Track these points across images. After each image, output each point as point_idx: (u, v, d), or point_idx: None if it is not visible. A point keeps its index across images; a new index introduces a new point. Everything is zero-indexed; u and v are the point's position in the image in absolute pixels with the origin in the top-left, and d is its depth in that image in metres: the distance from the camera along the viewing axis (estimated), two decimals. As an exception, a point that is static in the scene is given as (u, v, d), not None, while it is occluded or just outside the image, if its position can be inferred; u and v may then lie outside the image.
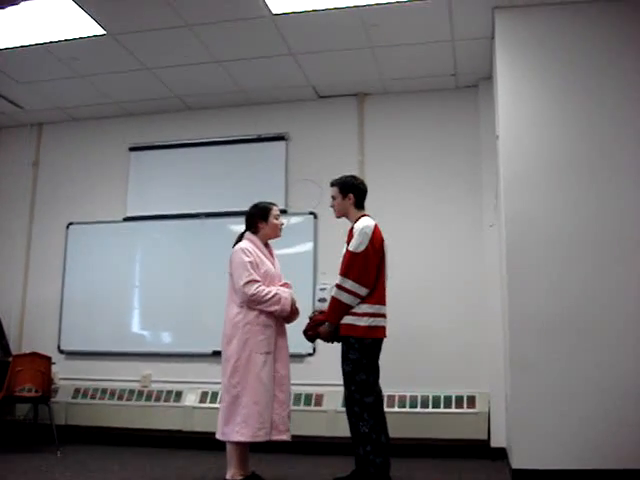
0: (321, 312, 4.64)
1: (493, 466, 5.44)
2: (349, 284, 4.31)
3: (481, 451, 5.83)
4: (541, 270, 4.79)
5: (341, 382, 4.50)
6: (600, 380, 4.56)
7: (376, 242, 4.43)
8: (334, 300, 4.38)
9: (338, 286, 4.36)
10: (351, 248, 4.37)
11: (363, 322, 4.32)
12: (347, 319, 4.35)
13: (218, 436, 4.44)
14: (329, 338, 4.51)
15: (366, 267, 4.34)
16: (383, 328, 4.43)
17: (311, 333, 4.60)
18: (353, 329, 4.33)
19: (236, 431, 4.31)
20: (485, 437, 5.89)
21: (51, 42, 5.88)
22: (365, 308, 4.34)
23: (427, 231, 6.54)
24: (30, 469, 5.11)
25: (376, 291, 4.39)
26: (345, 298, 4.32)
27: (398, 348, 4.68)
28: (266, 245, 4.74)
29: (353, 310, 4.34)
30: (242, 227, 4.81)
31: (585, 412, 4.54)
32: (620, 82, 4.94)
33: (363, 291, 4.33)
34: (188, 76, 6.57)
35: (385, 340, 4.47)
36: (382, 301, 4.45)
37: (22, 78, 6.63)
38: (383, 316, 4.43)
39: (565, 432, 4.54)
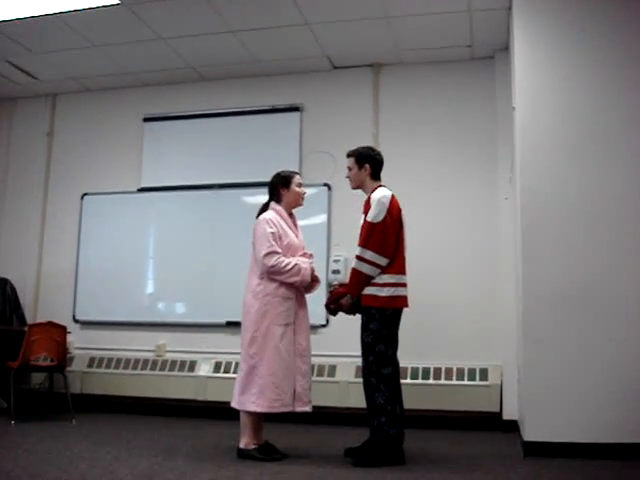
0: (341, 284, 4.62)
1: (505, 438, 5.46)
2: (369, 255, 4.29)
3: (493, 423, 5.86)
4: (556, 243, 4.76)
5: (353, 353, 4.51)
6: (613, 354, 4.54)
7: (393, 212, 4.40)
8: (354, 272, 4.36)
9: (358, 257, 4.33)
10: (369, 218, 4.35)
11: (384, 292, 4.30)
12: (369, 290, 4.33)
13: (233, 404, 4.46)
14: (351, 310, 4.49)
15: (385, 237, 4.31)
16: (404, 298, 4.42)
17: (333, 307, 4.58)
18: (375, 299, 4.31)
19: (252, 401, 4.33)
20: (497, 409, 5.91)
21: (65, 12, 5.86)
22: (386, 278, 4.32)
23: (442, 204, 6.52)
24: (46, 437, 5.16)
25: (396, 260, 4.37)
26: (365, 269, 4.30)
27: (411, 320, 4.66)
28: (290, 215, 4.72)
29: (374, 281, 4.32)
30: (255, 198, 4.82)
31: (597, 386, 4.53)
32: (640, 54, 4.87)
33: (383, 261, 4.30)
34: (202, 46, 6.54)
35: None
36: (403, 271, 4.42)
37: (36, 49, 6.62)
38: (404, 285, 4.41)
39: (577, 405, 4.53)
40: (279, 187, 4.69)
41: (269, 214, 4.60)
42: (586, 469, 4.14)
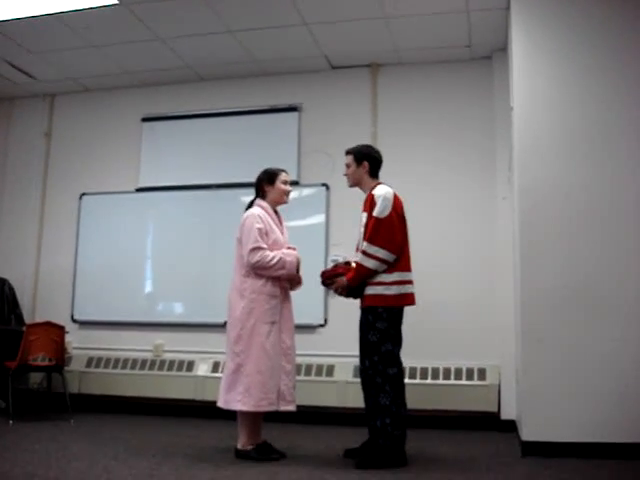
0: (346, 263, 4.51)
1: (503, 438, 5.46)
2: (374, 250, 4.24)
3: (491, 423, 5.86)
4: (554, 243, 4.76)
5: (352, 353, 4.48)
6: (611, 354, 4.54)
7: (397, 208, 4.38)
8: (358, 265, 4.30)
9: (363, 252, 4.28)
10: (375, 214, 4.29)
11: (392, 291, 4.26)
12: (375, 289, 4.28)
13: (219, 404, 4.45)
14: (342, 293, 4.43)
15: (392, 233, 4.27)
16: (412, 295, 4.38)
17: (327, 278, 4.50)
18: (383, 299, 4.26)
19: (238, 400, 4.31)
20: (495, 409, 5.91)
21: (64, 12, 5.86)
22: (394, 277, 4.28)
23: (440, 203, 6.52)
24: (44, 437, 5.16)
25: (403, 257, 4.34)
26: (371, 264, 4.24)
27: (409, 320, 4.63)
28: (276, 212, 4.71)
29: (381, 279, 4.28)
30: (253, 198, 4.79)
31: (596, 385, 4.53)
32: (638, 53, 4.86)
33: (390, 257, 4.25)
34: (201, 46, 6.54)
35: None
36: (408, 267, 4.39)
37: (35, 48, 6.62)
38: (411, 282, 4.38)
39: (575, 405, 4.53)
40: (264, 183, 4.68)
41: (256, 210, 4.58)
42: (584, 469, 4.14)
